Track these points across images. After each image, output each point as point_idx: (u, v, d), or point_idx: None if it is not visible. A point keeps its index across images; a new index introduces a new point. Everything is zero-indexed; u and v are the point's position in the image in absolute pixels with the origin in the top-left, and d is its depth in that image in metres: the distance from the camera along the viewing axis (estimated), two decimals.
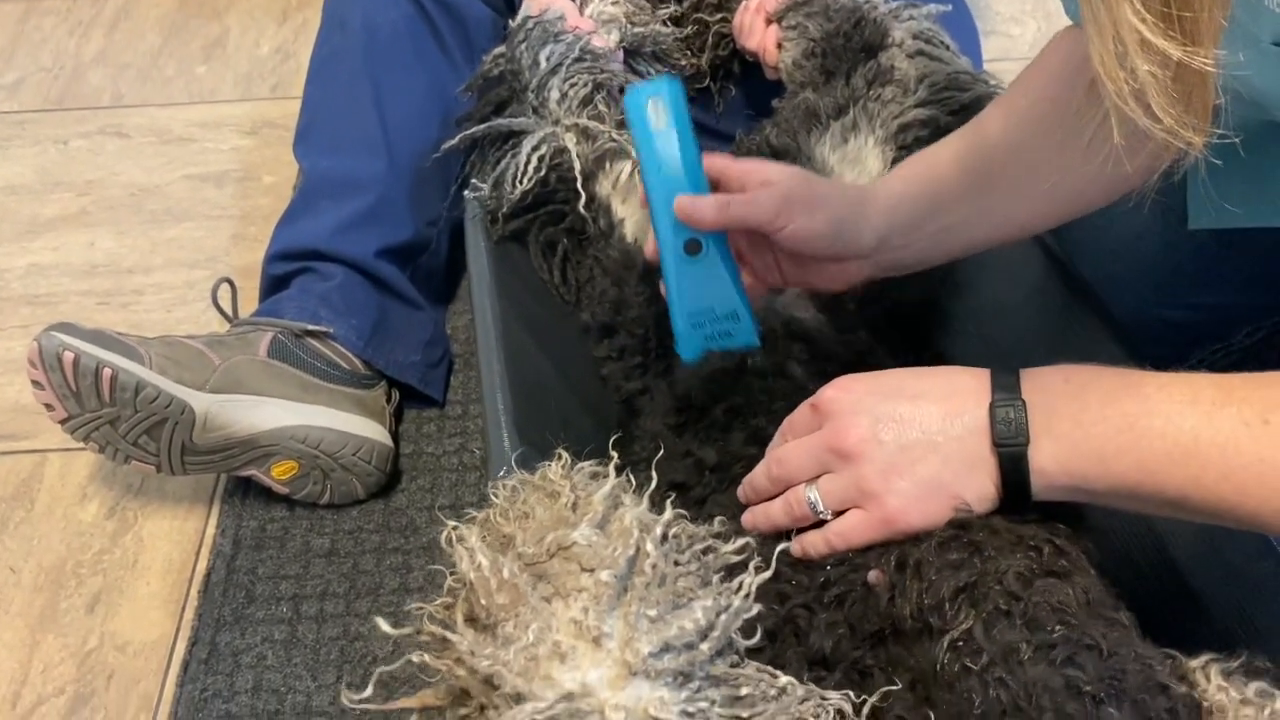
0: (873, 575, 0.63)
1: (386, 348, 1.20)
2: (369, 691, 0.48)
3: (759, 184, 0.77)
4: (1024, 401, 0.60)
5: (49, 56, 1.80)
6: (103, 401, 1.03)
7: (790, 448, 0.66)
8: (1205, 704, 0.61)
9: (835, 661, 0.61)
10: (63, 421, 1.06)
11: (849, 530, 0.63)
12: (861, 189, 0.80)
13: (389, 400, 1.20)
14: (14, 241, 1.48)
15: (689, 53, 1.25)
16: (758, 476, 0.69)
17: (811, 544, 0.65)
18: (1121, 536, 0.80)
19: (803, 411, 0.67)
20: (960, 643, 0.58)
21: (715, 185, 0.79)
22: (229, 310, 1.19)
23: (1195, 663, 0.63)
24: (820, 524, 0.65)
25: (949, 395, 0.62)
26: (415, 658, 0.49)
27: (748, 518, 0.68)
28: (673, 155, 0.78)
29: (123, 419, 1.05)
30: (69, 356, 1.01)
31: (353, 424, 1.13)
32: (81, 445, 1.08)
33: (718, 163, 0.80)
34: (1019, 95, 0.80)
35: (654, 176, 0.78)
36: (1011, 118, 0.79)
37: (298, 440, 1.09)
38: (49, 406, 1.05)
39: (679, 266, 0.78)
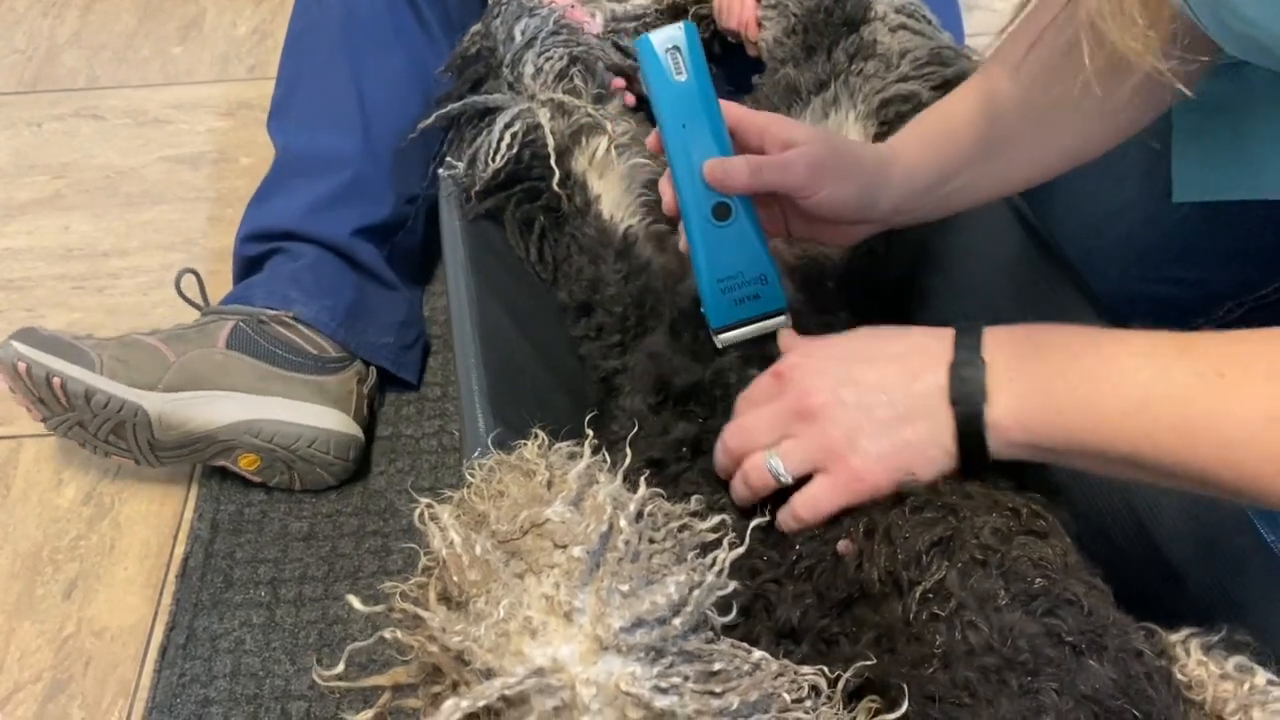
0: (842, 545, 0.62)
1: (360, 329, 1.19)
2: (340, 668, 0.47)
3: (781, 144, 0.75)
4: (984, 360, 0.60)
5: (22, 38, 1.78)
6: (63, 406, 1.06)
7: (750, 415, 0.66)
8: (1184, 679, 0.61)
9: (803, 632, 0.61)
10: (42, 421, 1.09)
11: (816, 497, 0.63)
12: (881, 154, 0.78)
13: (363, 381, 1.19)
14: None
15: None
16: (717, 454, 0.68)
17: (781, 521, 0.64)
18: (1100, 514, 0.80)
19: (763, 380, 0.67)
20: (931, 594, 0.57)
21: (731, 136, 0.75)
22: (197, 299, 1.18)
23: (1175, 637, 0.63)
24: (782, 495, 0.64)
25: (910, 354, 0.62)
26: (389, 634, 0.48)
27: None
28: (697, 112, 0.73)
29: (86, 421, 1.07)
30: (22, 366, 1.04)
31: (308, 414, 1.11)
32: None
33: (734, 112, 0.76)
34: (1025, 48, 0.78)
35: (676, 135, 0.74)
36: (1021, 75, 0.77)
37: (250, 434, 1.09)
38: (28, 409, 1.08)
39: (707, 231, 0.74)
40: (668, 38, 0.75)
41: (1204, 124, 0.78)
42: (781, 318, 0.76)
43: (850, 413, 0.61)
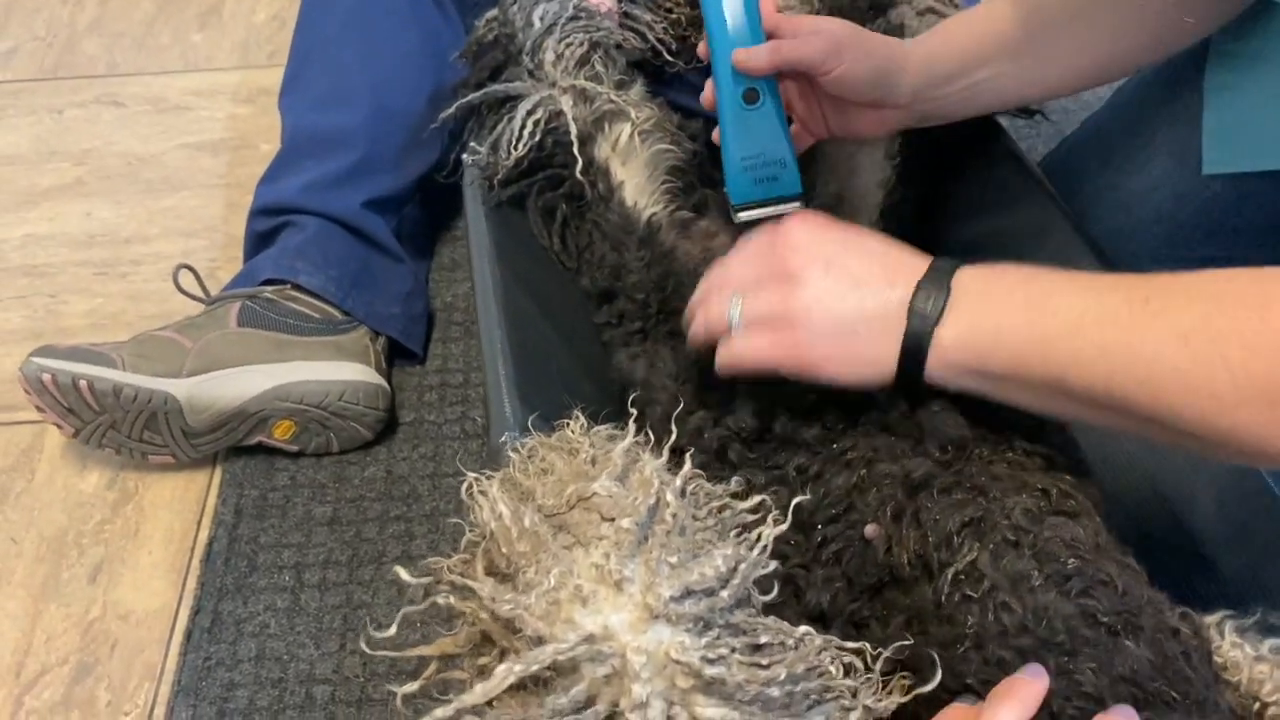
0: (870, 529, 0.63)
1: (367, 299, 1.20)
2: (393, 630, 0.48)
3: (810, 32, 0.82)
4: (950, 287, 0.62)
5: (43, 25, 1.78)
6: (94, 410, 1.07)
7: (736, 258, 0.69)
8: (1220, 661, 0.61)
9: (832, 616, 0.61)
10: (74, 435, 1.10)
11: (755, 347, 0.65)
12: (902, 44, 0.85)
13: (374, 339, 1.19)
14: (10, 212, 1.47)
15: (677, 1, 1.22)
16: (698, 287, 0.73)
17: (718, 361, 0.68)
18: (1131, 501, 0.80)
19: (762, 232, 0.70)
20: (963, 575, 0.57)
21: (771, 38, 0.83)
22: (198, 292, 1.18)
23: (1210, 619, 0.63)
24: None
25: (891, 265, 0.65)
26: (442, 599, 0.48)
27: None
28: (737, 11, 0.82)
29: (119, 421, 1.08)
30: (48, 377, 1.05)
31: (330, 370, 1.13)
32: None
33: (773, 18, 0.84)
34: None
35: (719, 31, 0.83)
36: None
37: (281, 400, 1.10)
38: (58, 425, 1.09)
39: (736, 113, 0.83)
40: None
41: (1237, 80, 0.78)
42: (796, 203, 0.84)
43: (821, 287, 0.64)
